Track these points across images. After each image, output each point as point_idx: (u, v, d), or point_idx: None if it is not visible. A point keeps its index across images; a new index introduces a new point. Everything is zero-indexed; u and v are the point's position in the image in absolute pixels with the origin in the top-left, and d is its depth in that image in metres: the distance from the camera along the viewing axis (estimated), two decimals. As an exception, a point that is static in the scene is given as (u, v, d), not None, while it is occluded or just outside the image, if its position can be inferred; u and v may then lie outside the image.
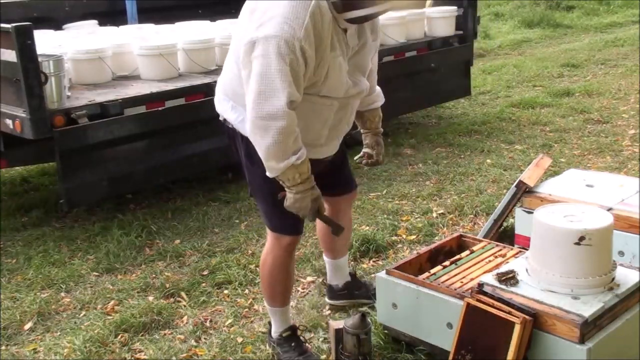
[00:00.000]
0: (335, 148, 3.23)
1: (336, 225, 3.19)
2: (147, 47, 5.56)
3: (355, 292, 3.77)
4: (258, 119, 2.72)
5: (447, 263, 3.43)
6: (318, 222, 3.67)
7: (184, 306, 3.94)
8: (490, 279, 2.95)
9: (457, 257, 3.49)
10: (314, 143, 3.02)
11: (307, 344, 3.41)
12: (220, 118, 3.14)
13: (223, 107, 3.08)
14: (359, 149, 3.55)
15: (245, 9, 2.88)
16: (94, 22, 7.10)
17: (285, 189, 2.90)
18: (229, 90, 3.03)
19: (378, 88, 3.46)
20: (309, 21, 2.65)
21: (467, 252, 3.54)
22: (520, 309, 2.76)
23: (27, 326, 3.82)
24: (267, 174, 2.86)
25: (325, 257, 3.84)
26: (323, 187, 3.08)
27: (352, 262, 4.29)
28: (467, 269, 3.37)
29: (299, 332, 3.42)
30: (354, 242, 4.41)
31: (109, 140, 4.84)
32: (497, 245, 3.60)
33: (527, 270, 2.95)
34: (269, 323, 3.45)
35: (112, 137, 4.83)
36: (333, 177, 3.38)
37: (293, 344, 3.33)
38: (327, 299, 3.89)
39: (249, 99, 2.73)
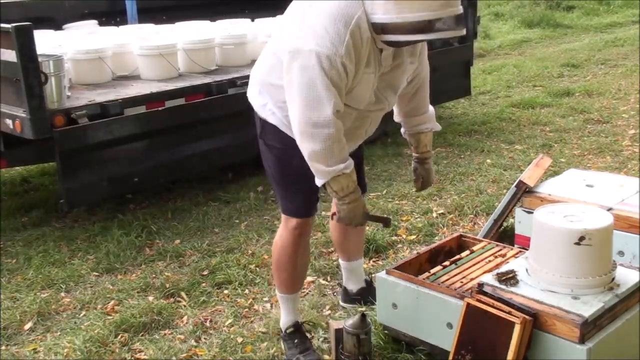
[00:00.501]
0: (353, 148, 3.25)
1: (384, 218, 3.29)
2: (147, 47, 5.56)
3: (368, 299, 3.77)
4: (307, 127, 2.79)
5: (447, 263, 3.43)
6: (331, 224, 3.70)
7: (184, 306, 3.94)
8: (490, 279, 2.95)
9: (457, 257, 3.49)
10: None
11: (311, 341, 3.42)
12: (249, 100, 3.23)
13: (252, 90, 3.17)
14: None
15: (294, 9, 2.93)
16: (94, 22, 7.10)
17: (337, 201, 2.99)
18: (258, 76, 3.12)
19: (431, 110, 3.45)
20: (349, 39, 2.72)
21: (467, 252, 3.54)
22: (520, 309, 2.76)
23: (27, 326, 3.82)
24: (317, 181, 2.93)
25: (340, 261, 3.86)
26: None
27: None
28: (467, 269, 3.37)
29: (304, 329, 3.43)
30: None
31: (109, 140, 4.84)
32: (497, 245, 3.60)
33: (527, 270, 2.95)
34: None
35: (112, 137, 4.83)
36: None
37: (296, 341, 3.36)
38: (340, 301, 3.90)
39: (294, 107, 2.81)
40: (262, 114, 3.10)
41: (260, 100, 3.10)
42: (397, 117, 3.48)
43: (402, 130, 3.49)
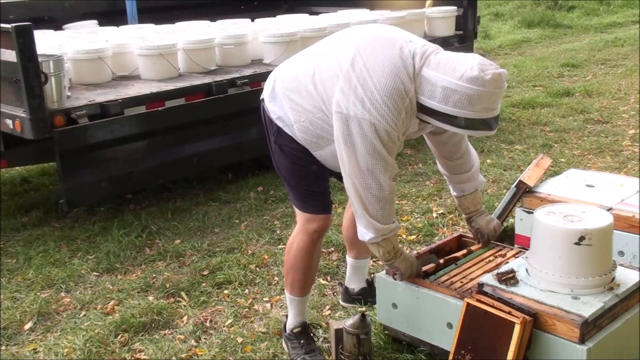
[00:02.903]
0: None
1: (429, 259, 3.43)
2: (147, 47, 5.56)
3: (369, 300, 3.77)
4: (365, 191, 2.90)
5: (441, 261, 3.42)
6: (344, 218, 3.77)
7: (184, 306, 3.94)
8: (490, 279, 2.95)
9: (452, 255, 3.49)
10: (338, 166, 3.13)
11: (316, 343, 3.42)
12: (262, 97, 3.24)
13: (273, 95, 3.16)
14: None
15: (347, 47, 2.92)
16: (94, 22, 7.11)
17: (387, 262, 3.14)
18: (286, 86, 3.09)
19: (475, 166, 3.43)
20: (404, 115, 2.82)
21: (464, 250, 3.54)
22: (520, 309, 2.76)
23: (27, 326, 3.82)
24: (365, 237, 3.03)
25: (347, 257, 3.86)
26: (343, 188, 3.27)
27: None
28: (467, 269, 3.37)
29: (310, 330, 3.44)
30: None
31: (109, 140, 4.84)
32: (497, 245, 3.60)
33: (527, 270, 2.95)
34: (286, 316, 3.48)
35: (112, 137, 4.84)
36: None
37: (302, 341, 3.36)
38: (340, 301, 3.90)
39: (353, 171, 2.88)
40: (279, 123, 3.10)
41: (279, 112, 3.09)
42: (446, 177, 3.52)
43: (451, 190, 3.52)
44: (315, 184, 3.19)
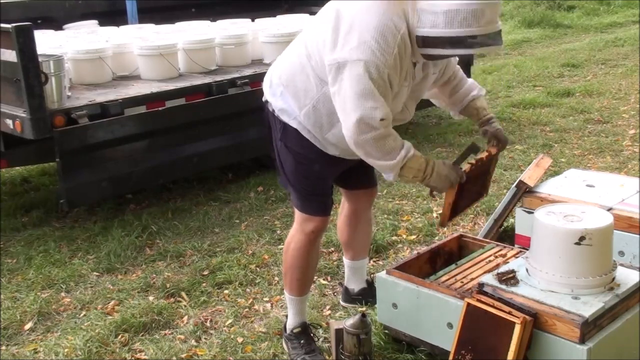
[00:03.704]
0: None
1: (469, 149, 3.29)
2: (147, 47, 5.56)
3: (369, 300, 3.77)
4: (360, 134, 2.82)
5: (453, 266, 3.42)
6: (339, 222, 3.71)
7: (185, 306, 3.94)
8: (490, 279, 2.95)
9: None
10: (349, 148, 3.09)
11: (316, 343, 3.42)
12: (264, 99, 3.23)
13: (272, 91, 3.16)
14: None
15: (329, 13, 2.92)
16: (94, 22, 7.11)
17: (423, 182, 3.03)
18: (284, 77, 3.09)
19: (470, 80, 3.43)
20: (397, 51, 2.77)
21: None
22: (520, 309, 2.76)
23: (28, 326, 3.82)
24: (386, 177, 2.98)
25: (344, 259, 3.86)
26: (346, 181, 3.36)
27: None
28: (467, 269, 3.37)
29: (311, 330, 3.44)
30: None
31: (109, 140, 4.84)
32: (497, 245, 3.60)
33: (527, 270, 2.95)
34: (286, 316, 3.48)
35: (112, 137, 4.84)
36: (358, 171, 3.41)
37: (302, 341, 3.36)
38: (341, 301, 3.90)
39: (346, 118, 2.82)
40: (283, 118, 3.09)
41: (282, 104, 3.09)
42: (443, 105, 3.48)
43: (453, 113, 3.47)
44: (316, 184, 3.20)
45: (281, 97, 3.09)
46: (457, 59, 3.32)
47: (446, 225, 3.44)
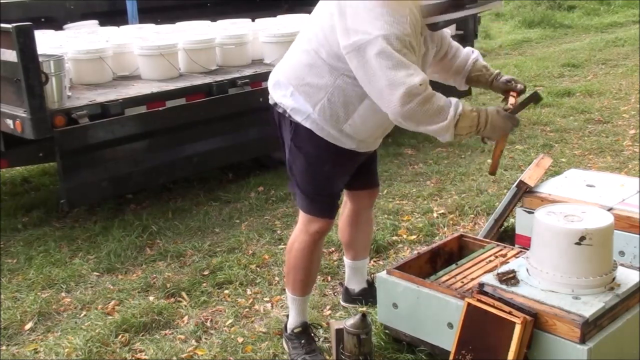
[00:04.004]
0: (377, 145, 3.33)
1: (530, 98, 3.19)
2: (147, 47, 5.56)
3: (370, 300, 3.77)
4: (402, 107, 2.77)
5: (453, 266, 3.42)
6: (340, 222, 3.72)
7: (185, 306, 3.94)
8: (490, 279, 2.95)
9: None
10: (369, 137, 3.12)
11: (316, 343, 3.42)
12: (271, 102, 3.20)
13: (281, 92, 3.12)
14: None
15: (329, 5, 2.92)
16: (95, 22, 7.11)
17: (478, 134, 2.98)
18: (292, 76, 3.07)
19: (466, 48, 3.43)
20: (410, 18, 2.78)
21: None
22: (520, 309, 2.76)
23: (28, 326, 3.82)
24: (442, 139, 2.91)
25: (345, 259, 3.86)
26: (349, 181, 3.34)
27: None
28: (467, 269, 3.37)
29: (311, 330, 3.44)
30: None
31: (110, 140, 4.84)
32: (497, 245, 3.60)
33: (527, 270, 2.95)
34: (287, 316, 3.48)
35: (112, 137, 4.84)
36: (361, 172, 3.41)
37: (303, 341, 3.36)
38: (341, 301, 3.90)
39: (383, 96, 2.80)
40: (295, 117, 3.06)
41: (293, 103, 3.06)
42: (447, 80, 3.45)
43: (458, 84, 3.44)
44: (324, 185, 3.19)
45: (292, 97, 3.06)
46: (450, 32, 3.32)
47: (496, 173, 3.39)
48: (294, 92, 3.05)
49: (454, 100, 2.88)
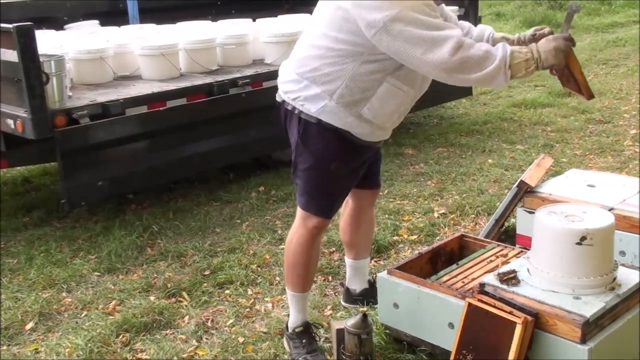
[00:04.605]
0: (389, 135, 3.32)
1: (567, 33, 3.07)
2: (148, 47, 5.56)
3: (371, 300, 3.77)
4: (452, 58, 2.78)
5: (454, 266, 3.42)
6: (341, 221, 3.69)
7: (186, 306, 3.95)
8: (491, 279, 2.95)
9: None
10: (381, 125, 3.12)
11: (317, 343, 3.42)
12: (278, 99, 3.20)
13: (292, 87, 3.12)
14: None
15: (334, 2, 2.94)
16: (96, 22, 7.11)
17: (540, 69, 2.95)
18: (305, 70, 3.06)
19: (471, 24, 3.42)
20: None
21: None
22: (521, 309, 2.76)
23: (29, 326, 3.82)
24: (499, 84, 2.89)
25: (346, 258, 3.86)
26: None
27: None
28: (468, 269, 3.37)
29: (312, 330, 3.44)
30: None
31: (111, 141, 4.84)
32: (498, 245, 3.60)
33: (528, 270, 2.95)
34: (288, 315, 3.48)
35: (113, 137, 4.84)
36: (366, 171, 3.41)
37: (304, 341, 3.35)
38: (342, 301, 3.90)
39: (428, 57, 2.79)
40: (310, 108, 3.04)
41: (309, 95, 3.04)
42: None
43: None
44: (326, 184, 3.19)
45: (307, 89, 3.05)
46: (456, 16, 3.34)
47: (593, 95, 3.31)
48: (309, 85, 3.05)
49: (501, 43, 2.88)
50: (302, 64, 3.10)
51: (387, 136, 3.32)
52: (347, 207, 3.66)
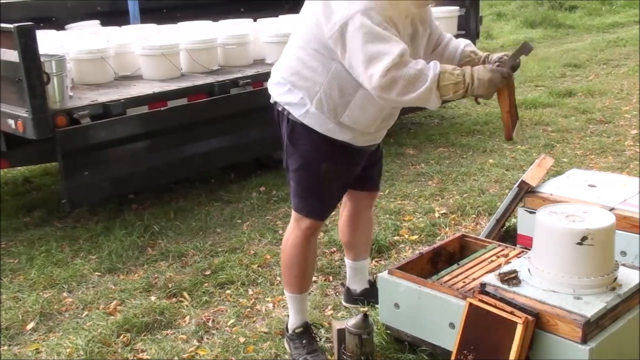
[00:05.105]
0: (379, 139, 3.31)
1: (521, 49, 2.94)
2: (149, 47, 5.56)
3: (371, 300, 3.76)
4: (382, 79, 2.73)
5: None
6: (340, 223, 3.70)
7: (187, 306, 3.95)
8: (492, 279, 2.95)
9: None
10: (365, 130, 3.10)
11: (318, 343, 3.42)
12: (271, 100, 3.21)
13: (278, 90, 3.14)
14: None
15: (311, 5, 2.95)
16: (97, 22, 7.11)
17: (469, 95, 2.87)
18: (289, 73, 3.09)
19: (459, 39, 3.38)
20: None
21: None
22: (522, 309, 2.76)
23: (30, 326, 3.82)
24: (432, 106, 2.84)
25: (346, 259, 3.86)
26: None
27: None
28: (469, 269, 3.37)
29: (312, 330, 3.44)
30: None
31: (111, 141, 4.84)
32: (499, 245, 3.60)
33: (529, 270, 2.95)
34: (288, 316, 3.48)
35: (114, 137, 4.84)
36: (364, 171, 3.41)
37: (304, 341, 3.36)
38: (343, 301, 3.90)
39: (364, 70, 2.76)
40: (294, 113, 3.06)
41: (291, 99, 3.06)
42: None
43: None
44: (317, 185, 3.19)
45: (290, 93, 3.07)
46: (439, 28, 3.33)
47: (512, 137, 3.12)
48: (291, 88, 3.07)
49: (432, 62, 2.80)
50: (285, 66, 3.12)
51: (378, 140, 3.31)
52: (345, 208, 3.67)
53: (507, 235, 4.21)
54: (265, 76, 5.50)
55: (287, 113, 3.10)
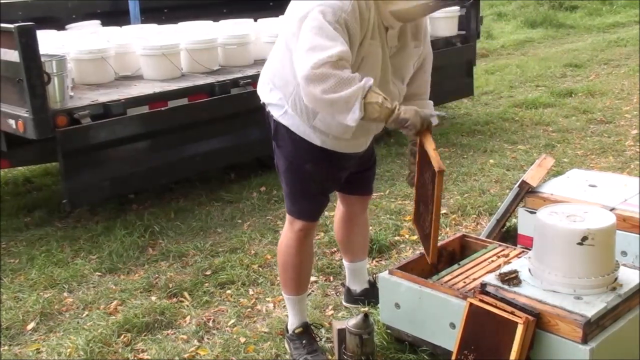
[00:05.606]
0: (363, 146, 3.26)
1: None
2: (149, 47, 5.56)
3: (372, 300, 3.76)
4: (312, 71, 2.70)
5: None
6: (335, 224, 3.68)
7: (187, 306, 3.95)
8: (493, 279, 2.95)
9: None
10: (340, 136, 3.07)
11: (318, 343, 3.42)
12: (261, 101, 3.23)
13: (263, 90, 3.19)
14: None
15: (291, 6, 2.98)
16: (97, 22, 7.11)
17: (399, 125, 2.84)
18: (270, 74, 3.13)
19: (430, 102, 3.36)
20: (355, 2, 2.78)
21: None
22: (523, 309, 2.76)
23: (30, 326, 3.82)
24: (351, 119, 2.76)
25: (343, 261, 3.86)
26: (344, 184, 3.32)
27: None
28: (469, 269, 3.37)
29: (312, 330, 3.44)
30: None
31: (112, 141, 4.84)
32: (499, 245, 3.59)
33: (529, 270, 2.95)
34: (287, 316, 3.49)
35: (114, 137, 4.84)
36: (356, 175, 3.40)
37: (304, 342, 3.36)
38: (343, 302, 3.90)
39: (300, 58, 2.76)
40: (274, 113, 3.10)
41: (272, 98, 3.10)
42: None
43: None
44: (304, 186, 3.18)
45: (271, 93, 3.12)
46: (431, 60, 3.33)
47: (435, 259, 3.22)
48: (272, 89, 3.11)
49: (366, 77, 2.75)
50: (269, 67, 3.16)
51: (361, 148, 3.24)
52: (338, 210, 3.67)
53: (507, 235, 4.20)
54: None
55: (271, 114, 3.13)
